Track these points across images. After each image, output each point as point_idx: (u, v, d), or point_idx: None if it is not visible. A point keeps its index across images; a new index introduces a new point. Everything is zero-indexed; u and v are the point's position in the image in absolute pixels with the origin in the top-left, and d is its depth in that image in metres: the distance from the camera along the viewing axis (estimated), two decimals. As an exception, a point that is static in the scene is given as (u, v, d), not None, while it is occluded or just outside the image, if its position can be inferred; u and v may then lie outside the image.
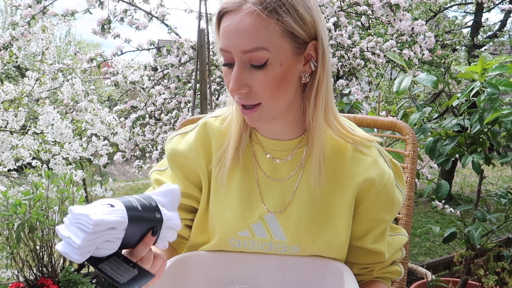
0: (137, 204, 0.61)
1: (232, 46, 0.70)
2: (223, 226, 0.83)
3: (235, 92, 0.72)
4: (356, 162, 0.80)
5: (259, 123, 0.76)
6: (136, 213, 0.60)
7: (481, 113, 1.53)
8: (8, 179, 3.21)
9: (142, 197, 0.64)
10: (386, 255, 0.85)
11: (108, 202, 0.60)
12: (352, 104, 2.16)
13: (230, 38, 0.69)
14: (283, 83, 0.72)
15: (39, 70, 3.07)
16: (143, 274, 0.62)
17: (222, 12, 0.71)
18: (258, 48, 0.68)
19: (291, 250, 0.82)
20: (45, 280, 2.11)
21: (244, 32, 0.68)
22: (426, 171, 2.86)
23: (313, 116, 0.77)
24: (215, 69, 3.72)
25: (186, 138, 0.87)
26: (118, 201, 0.60)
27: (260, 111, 0.74)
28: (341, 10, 3.37)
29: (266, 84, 0.70)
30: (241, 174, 0.83)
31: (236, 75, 0.70)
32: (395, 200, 0.83)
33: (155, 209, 0.63)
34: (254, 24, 0.67)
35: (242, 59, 0.70)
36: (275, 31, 0.68)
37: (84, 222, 0.56)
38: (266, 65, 0.69)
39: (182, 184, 0.86)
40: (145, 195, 0.65)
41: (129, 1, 3.15)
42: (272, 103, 0.73)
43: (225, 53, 0.72)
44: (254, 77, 0.70)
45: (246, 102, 0.73)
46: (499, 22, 6.26)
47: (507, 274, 1.60)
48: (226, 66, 0.74)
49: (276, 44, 0.69)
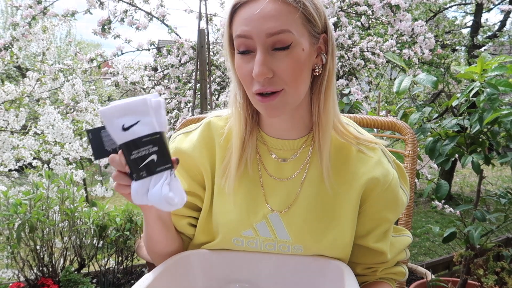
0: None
1: (256, 31, 0.70)
2: (227, 225, 0.83)
3: (261, 76, 0.70)
4: (361, 162, 0.81)
5: (277, 111, 0.74)
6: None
7: (480, 113, 1.53)
8: (9, 179, 3.21)
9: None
10: (388, 255, 0.85)
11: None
12: (352, 104, 2.16)
13: (253, 23, 0.70)
14: (304, 69, 0.73)
15: (39, 70, 3.07)
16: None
17: (239, 4, 0.72)
18: (283, 31, 0.69)
19: (295, 250, 0.82)
20: (46, 280, 2.11)
21: (269, 16, 0.69)
22: (426, 171, 2.86)
23: (323, 111, 0.77)
24: (215, 69, 3.72)
25: (190, 137, 0.87)
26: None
27: (281, 97, 0.73)
28: (341, 10, 3.37)
29: (290, 67, 0.71)
30: (245, 174, 0.84)
31: (262, 59, 0.70)
32: (398, 200, 0.83)
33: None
34: (279, 8, 0.69)
35: (266, 43, 0.70)
36: (297, 16, 0.70)
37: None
38: (290, 48, 0.70)
39: (187, 183, 0.87)
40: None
41: (129, 2, 3.15)
42: (294, 89, 0.73)
43: (245, 39, 0.71)
44: (278, 60, 0.71)
45: (269, 89, 0.72)
46: (498, 22, 6.27)
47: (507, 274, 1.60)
48: (241, 54, 0.73)
49: (299, 29, 0.71)
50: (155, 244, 0.84)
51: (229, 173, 0.81)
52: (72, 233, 2.29)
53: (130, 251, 2.45)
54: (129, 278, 2.54)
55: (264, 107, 0.74)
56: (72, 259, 2.37)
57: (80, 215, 2.27)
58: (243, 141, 0.81)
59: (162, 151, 0.64)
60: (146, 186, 0.65)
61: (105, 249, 2.45)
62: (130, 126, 0.62)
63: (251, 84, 0.73)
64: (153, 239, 0.83)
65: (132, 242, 2.35)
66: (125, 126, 0.62)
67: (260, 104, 0.74)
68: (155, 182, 0.64)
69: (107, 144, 0.67)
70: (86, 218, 2.25)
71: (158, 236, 0.82)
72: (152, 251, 0.87)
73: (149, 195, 0.65)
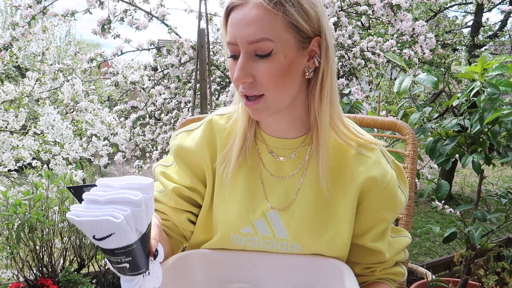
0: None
1: (239, 37, 0.72)
2: (226, 222, 0.84)
3: (239, 80, 0.73)
4: (359, 161, 0.81)
5: (261, 115, 0.77)
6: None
7: (481, 113, 1.53)
8: (8, 179, 3.21)
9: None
10: (386, 254, 0.85)
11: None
12: (352, 104, 2.16)
13: (237, 29, 0.72)
14: (286, 75, 0.73)
15: (39, 70, 3.07)
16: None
17: (230, 7, 0.73)
18: (263, 39, 0.70)
19: (293, 248, 0.83)
20: (45, 280, 2.11)
21: (250, 23, 0.70)
22: (426, 171, 2.86)
23: (319, 113, 0.78)
24: (215, 69, 3.72)
25: (192, 135, 0.88)
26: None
27: (263, 102, 0.75)
28: (341, 10, 3.37)
29: (270, 74, 0.72)
30: (245, 172, 0.84)
31: (241, 64, 0.72)
32: (397, 200, 0.83)
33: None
34: (260, 15, 0.70)
35: (248, 50, 0.72)
36: (280, 23, 0.70)
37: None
38: (271, 55, 0.71)
39: (189, 179, 0.87)
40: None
41: (129, 1, 3.15)
42: (275, 95, 0.74)
43: (232, 45, 0.74)
44: (259, 67, 0.72)
45: (250, 93, 0.74)
46: (499, 22, 6.26)
47: (507, 274, 1.60)
48: (231, 58, 0.76)
49: (281, 36, 0.71)
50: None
51: (229, 161, 0.83)
52: (72, 233, 2.29)
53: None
54: (129, 278, 2.53)
55: (249, 110, 0.77)
56: (71, 260, 2.37)
57: (79, 215, 2.26)
58: (246, 132, 0.83)
59: (135, 260, 0.61)
60: (123, 279, 0.63)
61: (105, 249, 2.44)
62: (102, 238, 0.58)
63: (238, 86, 0.76)
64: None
65: (132, 242, 2.34)
66: (96, 237, 0.57)
67: (246, 107, 0.77)
68: (127, 280, 0.63)
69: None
70: (86, 218, 2.25)
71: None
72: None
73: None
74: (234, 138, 0.84)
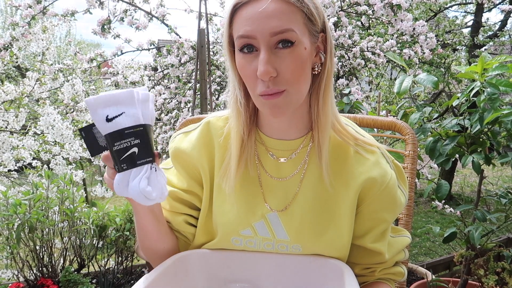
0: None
1: (259, 30, 0.70)
2: (226, 224, 0.83)
3: (266, 75, 0.70)
4: (358, 162, 0.81)
5: (282, 110, 0.73)
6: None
7: (481, 113, 1.53)
8: (9, 179, 3.21)
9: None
10: (386, 255, 0.85)
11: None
12: (352, 104, 2.16)
13: (257, 23, 0.70)
14: (305, 68, 0.73)
15: (39, 70, 3.07)
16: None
17: (240, 4, 0.72)
18: (287, 30, 0.70)
19: (293, 249, 0.82)
20: (45, 280, 2.11)
21: (272, 15, 0.69)
22: (426, 171, 2.86)
23: (323, 110, 0.77)
24: (215, 69, 3.72)
25: (189, 136, 0.88)
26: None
27: (284, 97, 0.72)
28: (341, 10, 3.37)
29: (294, 66, 0.71)
30: (244, 174, 0.84)
31: (266, 58, 0.70)
32: (396, 200, 0.83)
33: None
34: (282, 7, 0.70)
35: (270, 42, 0.70)
36: (299, 15, 0.71)
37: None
38: (294, 46, 0.71)
39: (185, 181, 0.87)
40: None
41: (129, 1, 3.15)
42: (297, 89, 0.73)
43: (248, 39, 0.71)
44: (282, 59, 0.71)
45: (273, 90, 0.71)
46: (499, 22, 6.27)
47: (507, 274, 1.60)
48: (246, 53, 0.72)
49: (301, 28, 0.71)
50: (147, 237, 0.83)
51: (229, 174, 0.81)
52: (72, 233, 2.29)
53: (130, 251, 2.45)
54: (129, 278, 2.54)
55: (268, 106, 0.73)
56: (72, 259, 2.37)
57: (80, 215, 2.27)
58: (242, 142, 0.81)
59: (144, 144, 0.64)
60: (127, 178, 0.64)
61: (105, 249, 2.45)
62: (114, 117, 0.62)
63: (255, 84, 0.73)
64: (143, 230, 0.82)
65: (132, 243, 2.35)
66: (109, 117, 0.62)
67: (264, 103, 0.73)
68: (134, 175, 0.64)
69: (100, 140, 0.67)
70: (86, 218, 2.25)
71: (149, 227, 0.82)
72: (145, 246, 0.86)
73: (129, 188, 0.64)
74: (230, 152, 0.82)
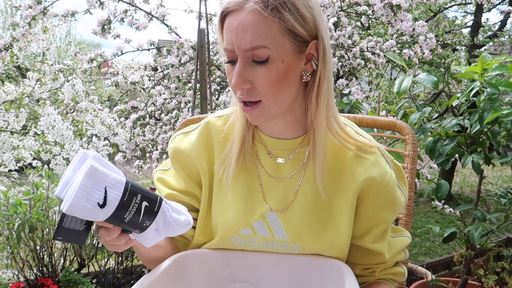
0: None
1: (235, 44, 0.71)
2: (225, 224, 0.83)
3: (237, 86, 0.73)
4: (357, 162, 0.81)
5: (260, 120, 0.77)
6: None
7: (481, 113, 1.53)
8: (9, 179, 3.21)
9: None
10: (386, 255, 0.85)
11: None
12: (352, 104, 2.16)
13: (233, 35, 0.71)
14: (284, 80, 0.73)
15: (39, 70, 3.08)
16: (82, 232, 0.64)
17: (225, 12, 0.73)
18: (259, 46, 0.70)
19: (292, 249, 0.83)
20: (45, 280, 2.11)
21: (246, 30, 0.70)
22: (426, 171, 2.86)
23: (315, 115, 0.78)
24: (215, 69, 3.72)
25: (189, 137, 0.88)
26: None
27: (261, 108, 0.75)
28: (341, 10, 3.37)
29: (268, 80, 0.72)
30: (244, 173, 0.84)
31: (239, 70, 0.72)
32: (396, 200, 0.83)
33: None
34: (256, 22, 0.69)
35: (245, 56, 0.72)
36: (276, 29, 0.70)
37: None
38: (268, 61, 0.71)
39: (184, 182, 0.87)
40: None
41: (129, 2, 3.15)
42: (273, 101, 0.74)
43: (229, 51, 0.73)
44: (257, 73, 0.72)
45: (247, 99, 0.74)
46: (499, 22, 6.26)
47: (507, 274, 1.60)
48: (229, 63, 0.75)
49: (277, 41, 0.71)
50: (143, 248, 0.83)
51: (228, 163, 0.83)
52: (72, 233, 2.29)
53: (130, 251, 2.45)
54: (129, 278, 2.54)
55: (247, 114, 0.77)
56: (72, 259, 2.37)
57: (80, 215, 2.26)
58: (244, 134, 0.83)
59: (143, 192, 0.61)
60: (153, 228, 0.65)
61: (105, 249, 2.45)
62: (104, 198, 0.58)
63: (235, 92, 0.76)
64: (137, 246, 0.82)
65: (132, 242, 2.34)
66: (100, 203, 0.57)
67: (245, 110, 0.77)
68: (161, 221, 0.65)
69: (77, 225, 0.64)
70: (86, 218, 2.25)
71: (145, 250, 0.81)
72: (141, 256, 0.86)
73: (162, 233, 0.66)
74: (232, 140, 0.84)
